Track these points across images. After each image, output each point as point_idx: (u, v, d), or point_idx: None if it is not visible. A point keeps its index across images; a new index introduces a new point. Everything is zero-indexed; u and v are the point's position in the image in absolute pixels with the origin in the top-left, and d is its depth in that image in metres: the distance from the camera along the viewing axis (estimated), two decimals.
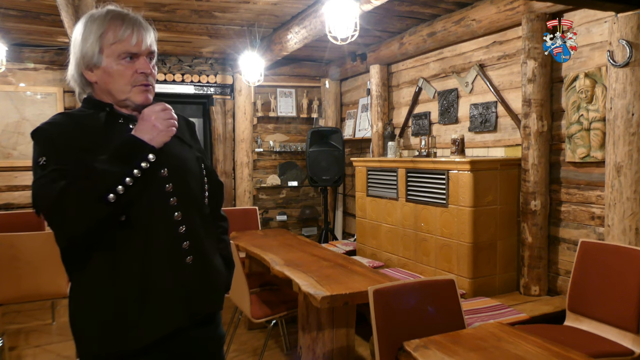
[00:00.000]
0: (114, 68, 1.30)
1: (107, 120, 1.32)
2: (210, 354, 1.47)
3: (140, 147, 1.22)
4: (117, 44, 1.30)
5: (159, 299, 1.29)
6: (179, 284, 1.32)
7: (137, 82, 1.32)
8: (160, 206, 1.31)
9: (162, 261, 1.30)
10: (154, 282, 1.28)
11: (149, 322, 1.28)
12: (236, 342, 3.63)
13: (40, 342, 3.68)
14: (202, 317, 1.40)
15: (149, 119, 1.25)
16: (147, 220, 1.28)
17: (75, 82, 1.37)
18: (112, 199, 1.16)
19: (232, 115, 5.91)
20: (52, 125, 1.28)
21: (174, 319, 1.32)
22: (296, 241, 3.82)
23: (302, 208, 6.36)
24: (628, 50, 2.63)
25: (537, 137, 3.30)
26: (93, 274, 1.27)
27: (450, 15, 3.95)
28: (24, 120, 5.16)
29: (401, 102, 5.09)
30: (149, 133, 1.24)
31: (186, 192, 1.37)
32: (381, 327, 1.98)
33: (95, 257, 1.26)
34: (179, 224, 1.33)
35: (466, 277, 3.40)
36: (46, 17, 3.99)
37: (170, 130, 1.27)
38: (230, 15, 4.11)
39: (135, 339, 1.27)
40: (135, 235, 1.27)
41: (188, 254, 1.34)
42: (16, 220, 4.41)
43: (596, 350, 2.28)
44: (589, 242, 2.70)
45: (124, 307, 1.26)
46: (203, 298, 1.39)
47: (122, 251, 1.26)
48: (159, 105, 1.28)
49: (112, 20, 1.30)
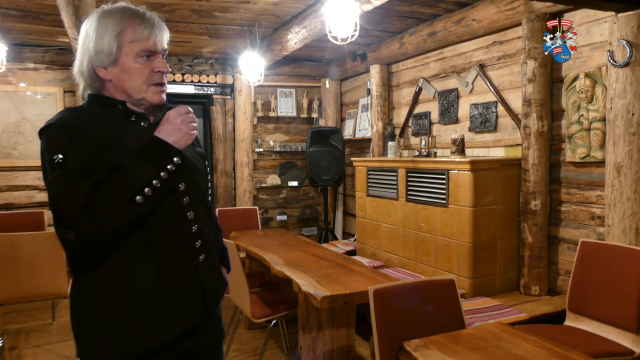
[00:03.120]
0: (132, 66, 1.29)
1: (121, 117, 1.31)
2: (211, 346, 1.48)
3: (167, 149, 1.22)
4: (136, 43, 1.28)
5: (175, 298, 1.29)
6: (195, 283, 1.34)
7: (153, 81, 1.32)
8: (175, 206, 1.31)
9: (178, 261, 1.31)
10: (170, 282, 1.28)
11: (167, 321, 1.28)
12: (236, 342, 3.63)
13: (41, 342, 3.68)
14: (212, 312, 1.43)
15: (175, 121, 1.25)
16: (165, 221, 1.28)
17: (82, 78, 1.32)
18: (139, 200, 1.16)
19: (232, 115, 5.91)
20: (65, 120, 1.24)
21: (191, 317, 1.33)
22: (296, 241, 3.82)
23: (302, 208, 6.36)
24: (628, 50, 2.63)
25: (537, 137, 3.30)
26: (109, 274, 1.24)
27: (451, 15, 3.95)
28: (24, 120, 5.16)
29: (401, 102, 5.09)
30: (174, 135, 1.24)
31: (196, 191, 1.38)
32: (381, 327, 1.98)
33: (109, 258, 1.24)
34: (192, 223, 1.34)
35: (466, 277, 3.40)
36: (46, 17, 3.99)
37: (193, 133, 1.28)
38: (231, 15, 4.11)
39: (153, 338, 1.26)
40: (152, 236, 1.26)
41: (200, 253, 1.36)
42: (16, 220, 4.41)
43: (596, 350, 2.28)
44: (589, 242, 2.70)
45: (140, 308, 1.25)
46: (214, 295, 1.42)
47: (138, 252, 1.25)
48: (183, 108, 1.29)
49: (131, 18, 1.29)
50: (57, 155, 1.17)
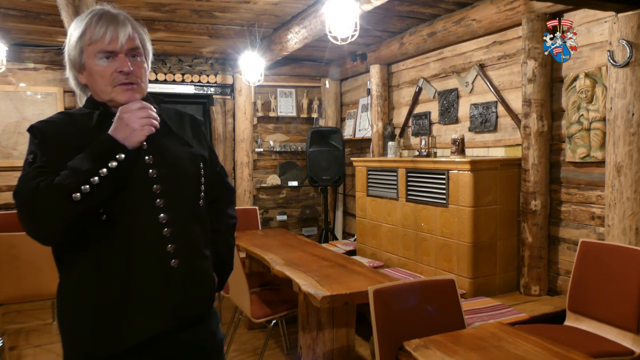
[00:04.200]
0: (93, 69, 1.29)
1: (99, 119, 1.30)
2: (202, 355, 1.42)
3: (111, 146, 1.20)
4: (93, 44, 1.27)
5: (143, 301, 1.26)
6: (163, 288, 1.29)
7: (116, 82, 1.29)
8: (144, 207, 1.28)
9: (145, 264, 1.27)
10: (137, 285, 1.26)
11: (132, 325, 1.26)
12: (236, 342, 3.63)
13: (41, 342, 3.68)
14: (189, 319, 1.37)
15: (123, 117, 1.23)
16: (130, 221, 1.26)
17: (72, 83, 1.37)
18: (76, 197, 1.15)
19: (232, 115, 5.91)
20: (47, 124, 1.28)
21: (157, 322, 1.29)
22: (296, 241, 3.82)
23: (302, 208, 6.36)
24: (628, 50, 2.63)
25: (537, 137, 3.30)
26: (79, 274, 1.26)
27: (451, 15, 3.95)
28: (24, 120, 5.16)
29: (401, 102, 5.09)
30: (122, 132, 1.21)
31: (176, 194, 1.33)
32: (381, 327, 1.98)
33: (80, 257, 1.25)
34: (163, 226, 1.29)
35: (466, 277, 3.40)
36: (46, 17, 3.99)
37: (144, 129, 1.23)
38: (231, 15, 4.11)
39: (117, 341, 1.25)
40: (118, 235, 1.25)
41: (173, 257, 1.30)
42: (16, 220, 4.36)
43: (596, 350, 2.28)
44: (589, 242, 2.70)
45: (107, 309, 1.25)
46: (188, 302, 1.35)
47: (106, 252, 1.25)
48: (135, 104, 1.25)
49: (89, 20, 1.28)
50: (29, 155, 1.24)
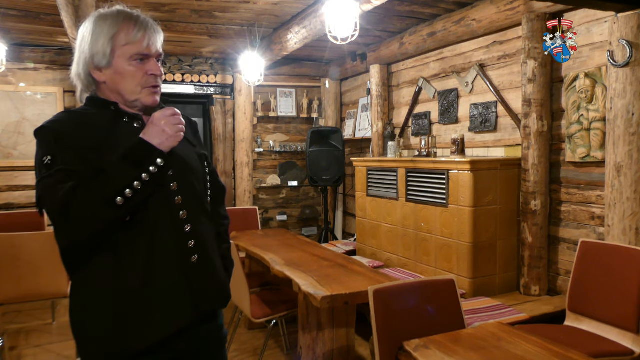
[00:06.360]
0: (125, 69, 1.32)
1: (112, 118, 1.33)
2: (211, 351, 1.46)
3: (150, 151, 1.23)
4: (130, 46, 1.31)
5: (164, 298, 1.29)
6: (185, 284, 1.32)
7: (147, 84, 1.34)
8: (166, 205, 1.31)
9: (167, 261, 1.30)
10: (159, 282, 1.28)
11: (153, 322, 1.27)
12: (236, 342, 3.63)
13: (41, 342, 3.68)
14: (208, 315, 1.42)
15: (159, 123, 1.26)
16: (153, 220, 1.29)
17: (79, 80, 1.37)
18: (119, 202, 1.17)
19: (232, 115, 5.91)
20: (57, 123, 1.28)
21: (179, 319, 1.32)
22: (296, 241, 3.82)
23: (302, 208, 6.36)
24: (628, 50, 2.63)
25: (537, 137, 3.30)
26: (96, 274, 1.26)
27: (451, 15, 3.95)
28: (24, 120, 5.16)
29: (401, 102, 5.09)
30: (158, 137, 1.25)
31: (190, 191, 1.38)
32: (381, 327, 1.98)
33: (98, 256, 1.26)
34: (184, 223, 1.34)
35: (466, 277, 3.40)
36: (46, 17, 3.99)
37: (178, 135, 1.28)
38: (230, 15, 4.11)
39: (139, 338, 1.26)
40: (140, 235, 1.27)
41: (193, 253, 1.35)
42: (16, 220, 4.41)
43: (596, 350, 2.28)
44: (589, 242, 2.70)
45: (128, 307, 1.25)
46: (208, 297, 1.40)
47: (126, 251, 1.26)
48: (169, 110, 1.29)
49: (124, 22, 1.32)
50: (46, 157, 1.23)
